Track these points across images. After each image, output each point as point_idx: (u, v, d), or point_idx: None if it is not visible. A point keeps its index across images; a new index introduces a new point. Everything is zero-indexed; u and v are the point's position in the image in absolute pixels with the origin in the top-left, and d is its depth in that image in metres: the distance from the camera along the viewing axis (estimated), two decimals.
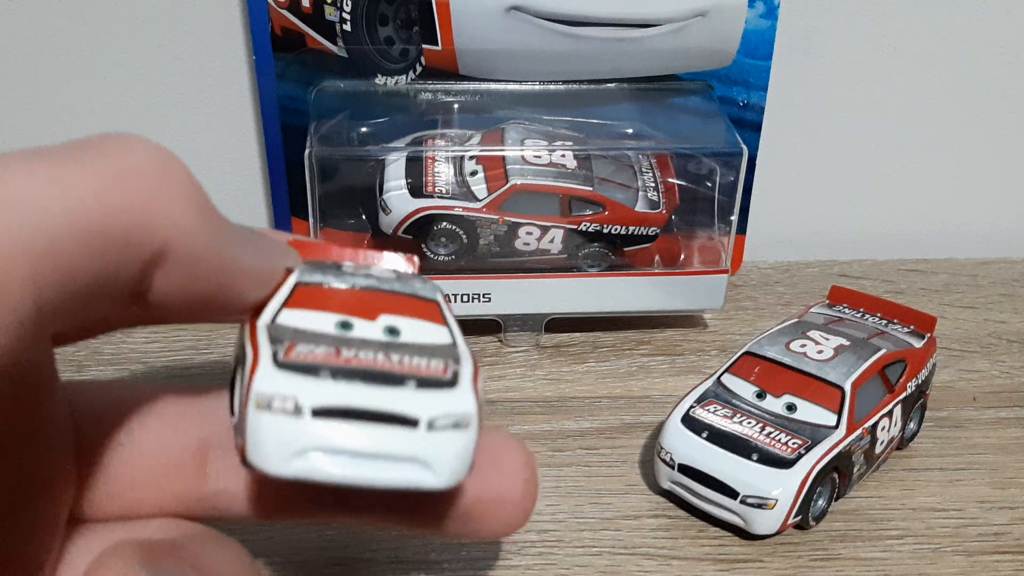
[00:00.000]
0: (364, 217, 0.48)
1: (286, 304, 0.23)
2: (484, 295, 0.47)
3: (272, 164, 0.51)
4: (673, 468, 0.38)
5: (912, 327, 0.43)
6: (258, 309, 0.23)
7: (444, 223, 0.46)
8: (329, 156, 0.45)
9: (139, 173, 0.19)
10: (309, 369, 0.21)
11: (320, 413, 0.20)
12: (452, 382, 0.22)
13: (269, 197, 0.54)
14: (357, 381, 0.21)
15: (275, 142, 0.50)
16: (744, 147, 0.46)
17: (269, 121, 0.49)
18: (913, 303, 0.45)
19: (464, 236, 0.46)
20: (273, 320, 0.23)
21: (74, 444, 0.23)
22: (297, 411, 0.20)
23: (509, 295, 0.47)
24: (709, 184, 0.48)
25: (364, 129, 0.48)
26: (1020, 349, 0.49)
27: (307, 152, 0.44)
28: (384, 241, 0.47)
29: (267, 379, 0.21)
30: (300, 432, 0.20)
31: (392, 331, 0.23)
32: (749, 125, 0.50)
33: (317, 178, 0.45)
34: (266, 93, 0.48)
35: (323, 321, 0.23)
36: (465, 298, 0.47)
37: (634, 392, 0.46)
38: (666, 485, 0.38)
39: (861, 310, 0.44)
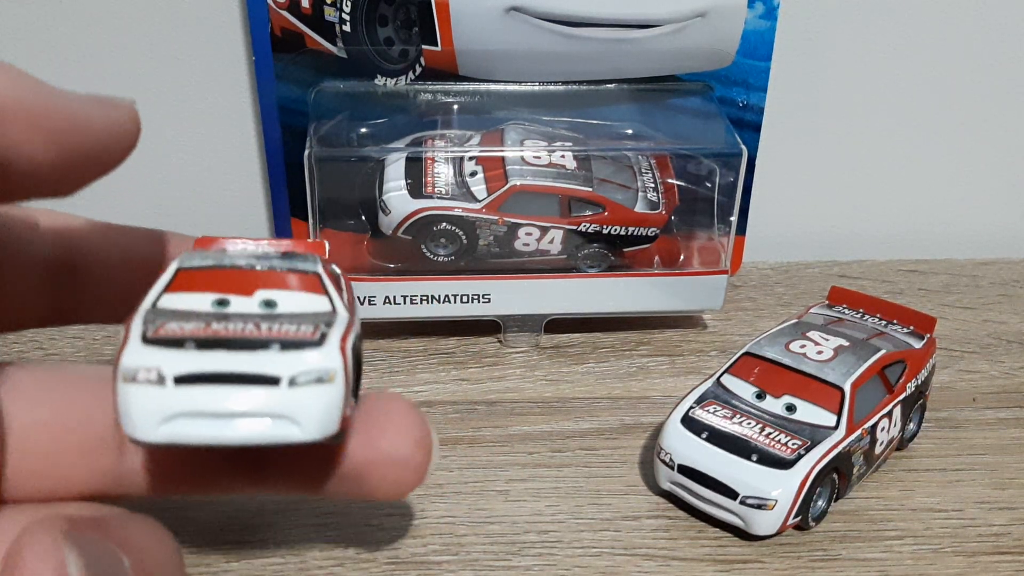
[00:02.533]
0: (364, 218, 0.48)
1: (166, 289, 0.25)
2: (484, 296, 0.47)
3: (272, 165, 0.51)
4: (673, 469, 0.38)
5: (912, 328, 0.43)
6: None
7: (444, 224, 0.46)
8: (329, 157, 0.45)
9: None
10: (175, 343, 0.22)
11: (183, 380, 0.22)
12: (319, 342, 0.23)
13: (269, 198, 0.54)
14: (221, 349, 0.22)
15: (275, 143, 0.50)
16: (744, 148, 0.46)
17: (269, 122, 0.49)
18: (913, 303, 0.46)
19: (464, 237, 0.46)
20: (153, 305, 0.24)
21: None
22: (160, 380, 0.22)
23: (509, 296, 0.47)
24: (709, 185, 0.48)
25: (364, 130, 0.48)
26: (1020, 349, 0.49)
27: (307, 153, 0.44)
28: (383, 242, 0.47)
29: (133, 354, 0.22)
30: (164, 400, 0.21)
31: (268, 304, 0.24)
32: (749, 126, 0.50)
33: (317, 179, 0.45)
34: (266, 94, 0.48)
35: (200, 301, 0.24)
36: (465, 299, 0.47)
37: (634, 393, 0.46)
38: (666, 486, 0.38)
39: (861, 311, 0.44)
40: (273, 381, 0.22)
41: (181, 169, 0.54)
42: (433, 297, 0.47)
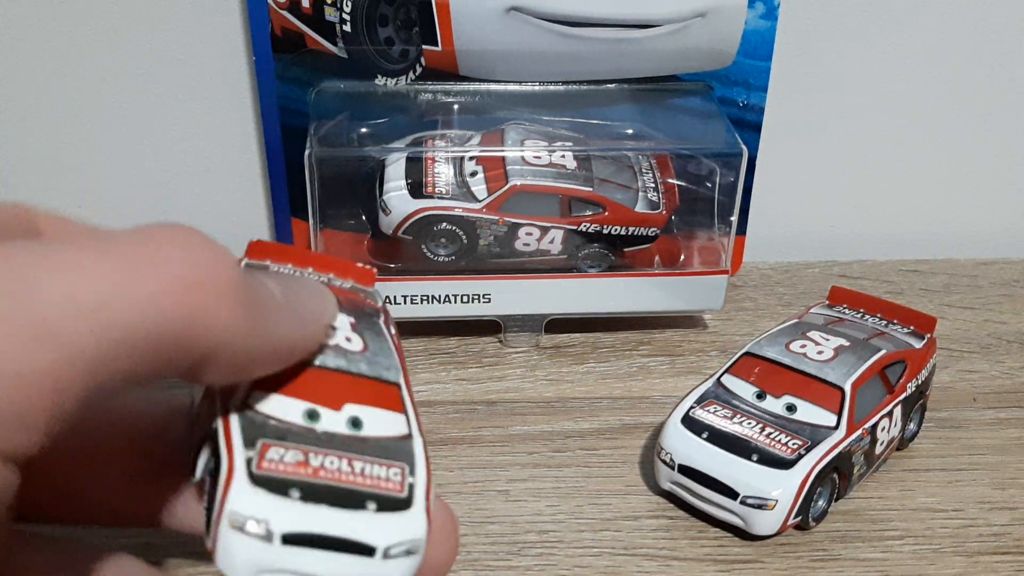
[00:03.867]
0: (364, 218, 0.48)
1: (257, 382, 0.24)
2: (484, 296, 0.47)
3: (272, 165, 0.51)
4: (673, 469, 0.38)
5: (912, 328, 0.43)
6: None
7: (444, 224, 0.46)
8: (329, 157, 0.45)
9: (193, 279, 0.19)
10: (280, 487, 0.23)
11: (289, 540, 0.22)
12: (407, 502, 0.24)
13: (269, 198, 0.54)
14: (323, 505, 0.23)
15: (275, 143, 0.50)
16: (744, 148, 0.46)
17: (269, 122, 0.49)
18: (913, 303, 0.45)
19: (464, 237, 0.46)
20: (244, 403, 0.24)
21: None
22: (268, 537, 0.22)
23: (509, 296, 0.47)
24: (709, 185, 0.48)
25: (364, 130, 0.48)
26: (1020, 349, 0.49)
27: (307, 153, 0.44)
28: (384, 242, 0.47)
29: (241, 498, 0.22)
30: (269, 555, 0.22)
31: (355, 423, 0.25)
32: (749, 126, 0.50)
33: (317, 179, 0.45)
34: (266, 94, 0.48)
35: (291, 409, 0.24)
36: (465, 298, 0.47)
37: (634, 393, 0.46)
38: (666, 486, 0.38)
39: (861, 311, 0.44)
40: (369, 552, 0.23)
41: (181, 169, 0.54)
42: (433, 297, 0.47)
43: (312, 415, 0.24)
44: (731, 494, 0.36)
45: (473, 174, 0.46)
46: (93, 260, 0.18)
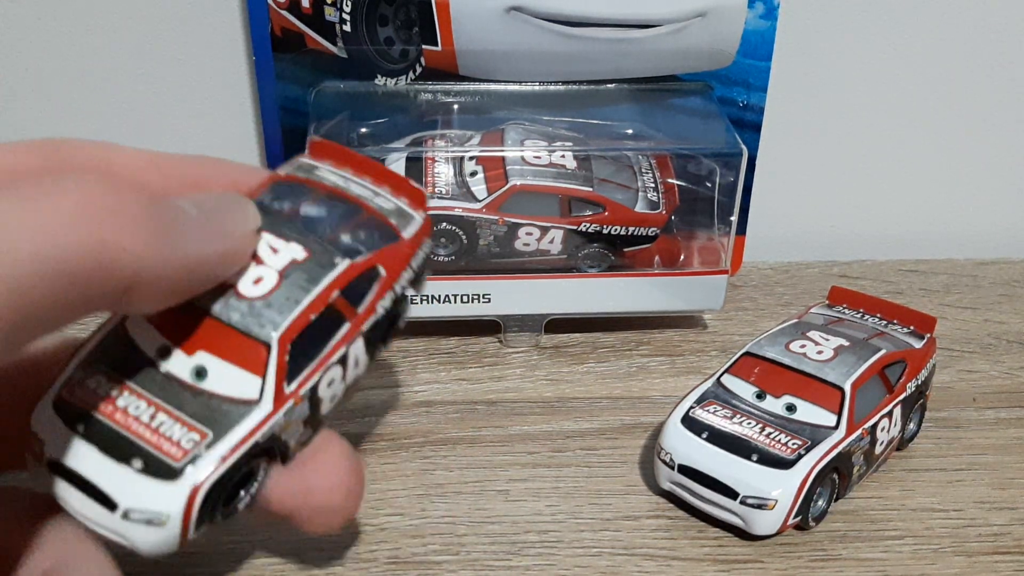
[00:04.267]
0: None
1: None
2: (484, 295, 0.47)
3: (272, 165, 0.51)
4: (673, 469, 0.38)
5: (912, 328, 0.43)
6: None
7: (444, 223, 0.46)
8: None
9: (94, 210, 0.20)
10: (72, 417, 0.24)
11: (52, 467, 0.23)
12: (177, 472, 0.23)
13: None
14: (95, 446, 0.23)
15: (275, 143, 0.50)
16: (744, 148, 0.46)
17: (269, 122, 0.49)
18: (913, 304, 0.45)
19: (464, 236, 0.46)
20: (120, 326, 0.25)
21: None
22: (38, 458, 0.24)
23: (509, 296, 0.47)
24: (709, 184, 0.48)
25: (364, 130, 0.48)
26: (1020, 349, 0.49)
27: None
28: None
29: (38, 416, 0.24)
30: (39, 471, 0.24)
31: (199, 373, 0.24)
32: (749, 126, 0.50)
33: None
34: (266, 94, 0.48)
35: (150, 343, 0.24)
36: (465, 298, 0.47)
37: (634, 393, 0.46)
38: (666, 486, 0.38)
39: (861, 311, 0.44)
40: (111, 505, 0.23)
41: None
42: (433, 297, 0.47)
43: (164, 352, 0.24)
44: (731, 494, 0.36)
45: (473, 174, 0.46)
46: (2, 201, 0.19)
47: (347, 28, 0.47)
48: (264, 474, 0.25)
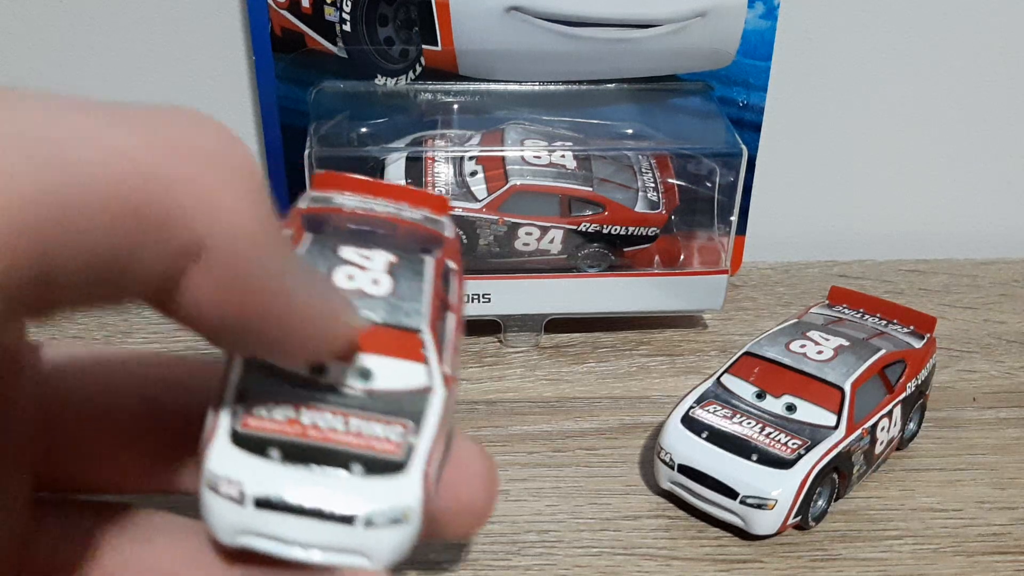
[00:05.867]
0: None
1: None
2: (484, 295, 0.47)
3: (272, 164, 0.51)
4: (673, 468, 0.38)
5: (912, 327, 0.43)
6: None
7: None
8: (329, 156, 0.45)
9: (193, 145, 0.16)
10: (261, 447, 0.22)
11: (262, 504, 0.21)
12: (401, 464, 0.22)
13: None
14: (304, 466, 0.22)
15: (275, 143, 0.50)
16: (744, 147, 0.46)
17: (269, 122, 0.49)
18: (913, 303, 0.45)
19: (464, 236, 0.46)
20: (250, 356, 0.23)
21: (41, 416, 0.22)
22: (240, 499, 0.21)
23: (509, 295, 0.47)
24: (709, 184, 0.48)
25: (364, 129, 0.48)
26: (1020, 349, 0.49)
27: (307, 152, 0.44)
28: None
29: (219, 458, 0.22)
30: (243, 518, 0.21)
31: (364, 375, 0.23)
32: (749, 125, 0.50)
33: None
34: (266, 94, 0.48)
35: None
36: (465, 298, 0.47)
37: (634, 392, 0.46)
38: (666, 485, 0.38)
39: (861, 310, 0.44)
40: (348, 520, 0.21)
41: None
42: None
43: (319, 368, 0.23)
44: (731, 494, 0.36)
45: (473, 174, 0.46)
46: (64, 109, 0.14)
47: (347, 28, 0.47)
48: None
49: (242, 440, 0.22)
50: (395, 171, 0.46)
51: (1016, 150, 0.57)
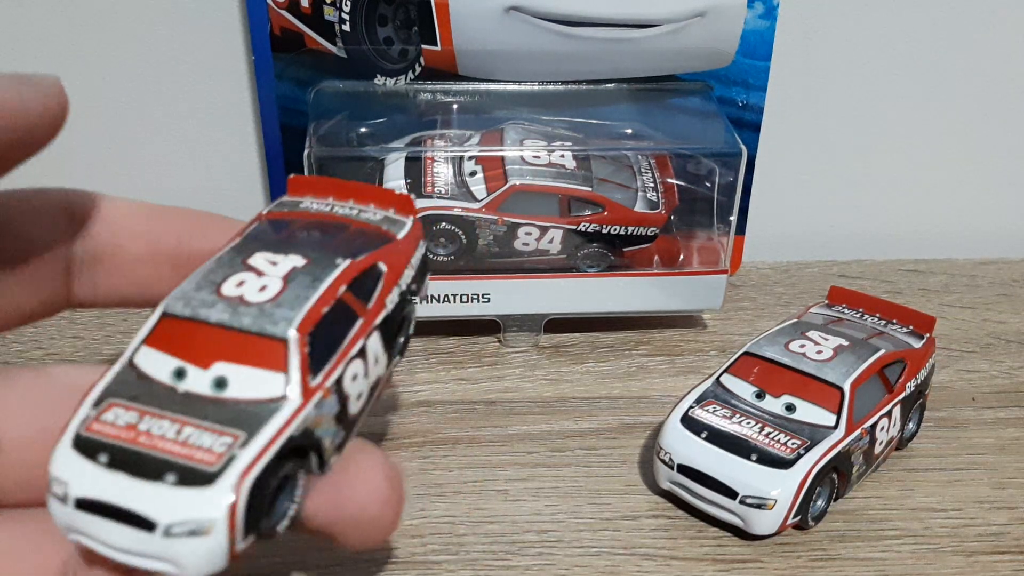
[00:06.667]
0: None
1: (146, 340, 0.25)
2: (483, 295, 0.47)
3: (272, 164, 0.51)
4: (672, 468, 0.38)
5: (911, 327, 0.43)
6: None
7: (443, 223, 0.46)
8: (328, 156, 0.45)
9: None
10: (93, 450, 0.23)
11: (81, 505, 0.22)
12: (214, 476, 0.22)
13: (269, 197, 0.54)
14: (123, 472, 0.22)
15: (274, 142, 0.50)
16: (743, 147, 0.46)
17: (268, 121, 0.49)
18: (912, 303, 0.45)
19: (463, 236, 0.46)
20: (129, 359, 0.24)
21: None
22: (65, 499, 0.22)
23: (508, 295, 0.47)
24: (708, 184, 0.48)
25: (363, 129, 0.48)
26: (1019, 349, 0.49)
27: (306, 152, 0.44)
28: None
29: (57, 460, 0.23)
30: (67, 517, 0.23)
31: (219, 383, 0.24)
32: (748, 125, 0.50)
33: None
34: (265, 93, 0.48)
35: (163, 367, 0.24)
36: (464, 298, 0.47)
37: (633, 392, 0.46)
38: (665, 485, 0.38)
39: (860, 310, 0.44)
40: (150, 527, 0.22)
41: (181, 169, 0.54)
42: (433, 297, 0.47)
43: (180, 373, 0.24)
44: (730, 494, 0.36)
45: (472, 174, 0.46)
46: None
47: (346, 28, 0.47)
48: (304, 482, 0.24)
49: (80, 443, 0.23)
50: (394, 171, 0.46)
51: (1016, 150, 0.57)
